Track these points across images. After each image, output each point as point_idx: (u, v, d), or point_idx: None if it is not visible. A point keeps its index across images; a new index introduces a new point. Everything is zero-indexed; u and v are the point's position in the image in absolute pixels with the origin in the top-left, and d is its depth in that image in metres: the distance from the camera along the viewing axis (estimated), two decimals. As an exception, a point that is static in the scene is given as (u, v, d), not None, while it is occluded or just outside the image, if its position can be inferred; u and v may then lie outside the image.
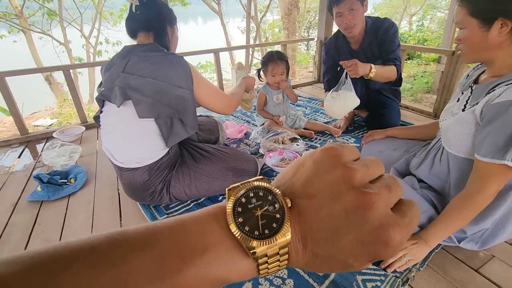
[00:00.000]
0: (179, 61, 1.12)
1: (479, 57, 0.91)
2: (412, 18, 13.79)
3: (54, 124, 4.23)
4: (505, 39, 0.82)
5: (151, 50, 1.12)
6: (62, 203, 1.42)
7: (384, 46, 1.74)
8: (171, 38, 1.24)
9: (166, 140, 1.14)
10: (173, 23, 1.24)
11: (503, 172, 0.81)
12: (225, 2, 10.15)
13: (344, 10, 1.63)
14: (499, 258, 1.02)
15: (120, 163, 1.18)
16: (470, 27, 0.86)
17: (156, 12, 1.15)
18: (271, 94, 2.05)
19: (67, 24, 7.77)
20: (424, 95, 5.21)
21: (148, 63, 1.08)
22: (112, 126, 1.17)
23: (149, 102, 1.07)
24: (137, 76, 1.07)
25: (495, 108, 0.79)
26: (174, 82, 1.10)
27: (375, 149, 1.39)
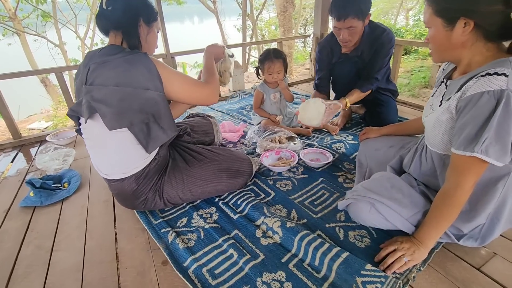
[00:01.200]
0: (139, 61, 1.00)
1: (445, 56, 0.92)
2: (409, 13, 13.74)
3: (49, 127, 4.19)
4: (468, 38, 0.83)
5: (109, 53, 1.01)
6: (55, 208, 1.40)
7: (373, 60, 1.69)
8: (146, 38, 1.12)
9: (146, 147, 1.06)
10: (150, 20, 1.12)
11: (476, 164, 0.80)
12: (220, 1, 10.08)
13: (342, 27, 1.56)
14: (501, 255, 1.00)
15: (105, 175, 1.15)
16: (435, 26, 0.87)
17: (126, 8, 1.04)
18: (268, 93, 2.02)
19: (62, 26, 7.70)
20: (422, 90, 5.18)
21: (106, 69, 0.98)
22: (91, 140, 1.13)
23: (115, 112, 0.98)
24: (99, 86, 0.98)
25: (466, 101, 0.79)
26: (140, 85, 0.99)
27: (372, 147, 1.37)
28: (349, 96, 1.70)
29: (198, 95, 1.14)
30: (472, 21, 0.80)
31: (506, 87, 0.73)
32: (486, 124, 0.76)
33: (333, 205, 1.28)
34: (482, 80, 0.76)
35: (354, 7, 1.48)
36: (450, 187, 0.87)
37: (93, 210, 1.38)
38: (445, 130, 0.90)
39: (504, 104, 0.73)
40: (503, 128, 0.75)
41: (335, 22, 1.56)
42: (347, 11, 1.48)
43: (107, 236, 1.21)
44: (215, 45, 1.40)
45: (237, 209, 1.28)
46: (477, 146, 0.77)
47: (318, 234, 1.13)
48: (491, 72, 0.75)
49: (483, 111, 0.76)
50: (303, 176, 1.50)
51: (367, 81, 1.71)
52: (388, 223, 1.01)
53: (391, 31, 1.66)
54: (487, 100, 0.75)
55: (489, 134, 0.76)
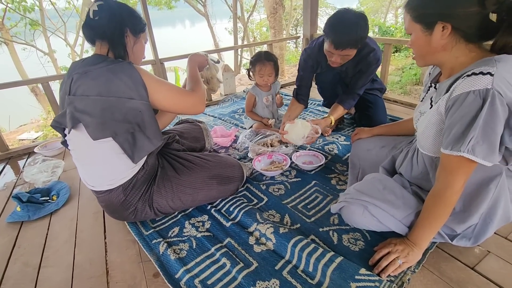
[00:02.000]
0: (122, 70, 0.98)
1: (428, 60, 0.92)
2: (398, 11, 13.89)
3: (39, 137, 4.12)
4: (448, 41, 0.83)
5: (91, 63, 0.99)
6: (44, 223, 1.36)
7: (357, 78, 1.67)
8: (133, 48, 1.11)
9: (132, 157, 1.04)
10: (137, 31, 1.11)
11: (464, 164, 0.80)
12: (211, 4, 10.09)
13: (337, 54, 1.46)
14: (495, 253, 1.00)
15: (91, 186, 1.13)
16: (415, 32, 0.88)
17: (113, 19, 1.03)
18: (260, 96, 2.01)
19: (51, 34, 7.62)
20: (413, 87, 5.23)
21: (88, 79, 0.96)
22: (76, 151, 1.10)
23: (98, 122, 0.96)
24: (81, 96, 0.96)
25: (453, 101, 0.79)
26: (123, 94, 0.97)
27: (364, 148, 1.36)
28: (333, 114, 1.70)
29: (184, 104, 1.12)
30: (449, 25, 0.80)
31: (491, 86, 0.72)
32: (472, 123, 0.75)
33: (326, 208, 1.26)
34: (468, 80, 0.76)
35: (353, 38, 1.38)
36: (440, 187, 0.87)
37: (82, 223, 1.35)
38: (436, 132, 0.89)
39: (490, 103, 0.73)
40: (489, 127, 0.75)
41: (330, 47, 1.44)
42: (346, 42, 1.39)
43: (97, 249, 1.18)
44: (197, 54, 1.40)
45: (230, 216, 1.26)
46: (464, 145, 0.77)
47: (312, 239, 1.11)
48: (476, 72, 0.75)
49: (470, 110, 0.76)
50: (296, 180, 1.49)
51: (350, 96, 1.70)
52: (381, 225, 1.00)
53: (379, 50, 1.61)
54: (473, 99, 0.75)
55: (475, 133, 0.75)
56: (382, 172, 1.19)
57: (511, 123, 0.75)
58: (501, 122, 0.74)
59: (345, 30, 1.37)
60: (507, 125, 0.76)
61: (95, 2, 1.03)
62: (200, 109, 1.16)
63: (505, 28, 0.77)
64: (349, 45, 1.42)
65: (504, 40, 0.77)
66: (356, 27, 1.37)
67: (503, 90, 0.72)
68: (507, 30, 0.76)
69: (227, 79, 3.05)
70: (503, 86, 0.72)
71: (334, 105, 1.74)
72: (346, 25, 1.37)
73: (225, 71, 3.05)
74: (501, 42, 0.78)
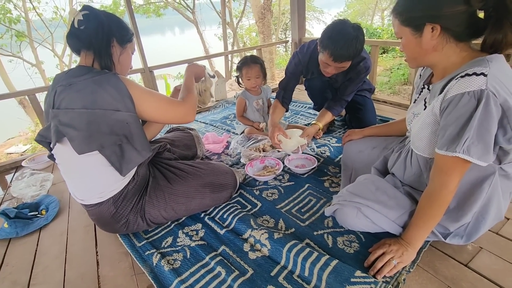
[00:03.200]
0: (108, 81, 0.95)
1: (420, 62, 0.93)
2: (384, 13, 14.17)
3: (27, 150, 4.04)
4: (438, 42, 0.84)
5: (75, 74, 0.97)
6: (33, 238, 1.32)
7: (347, 85, 1.69)
8: (119, 58, 1.09)
9: (120, 170, 1.01)
10: (124, 41, 1.09)
11: (459, 164, 0.81)
12: (199, 11, 10.12)
13: (333, 65, 1.47)
14: (487, 249, 1.01)
15: (81, 200, 1.10)
16: (405, 35, 0.89)
17: (99, 28, 1.00)
18: (251, 100, 2.02)
19: (38, 45, 7.53)
20: (402, 86, 5.32)
21: (72, 91, 0.94)
22: (63, 165, 1.08)
23: (83, 135, 0.94)
24: (65, 109, 0.94)
25: (448, 102, 0.80)
26: (109, 106, 0.95)
27: (355, 149, 1.37)
28: (321, 120, 1.73)
29: (172, 114, 1.10)
30: (438, 25, 0.81)
31: (485, 86, 0.73)
32: (467, 124, 0.76)
33: (320, 211, 1.26)
34: (462, 81, 0.76)
35: (352, 51, 1.39)
36: (435, 187, 0.87)
37: (73, 237, 1.31)
38: (430, 133, 0.90)
39: (484, 104, 0.73)
40: (484, 128, 0.75)
41: (328, 59, 1.43)
42: (346, 55, 1.40)
43: (88, 264, 1.15)
44: (195, 64, 1.39)
45: (224, 224, 1.25)
46: (459, 146, 0.77)
47: (307, 243, 1.11)
48: (470, 73, 0.76)
49: (465, 111, 0.76)
50: (289, 184, 1.49)
51: (338, 103, 1.73)
52: (375, 226, 1.01)
53: (369, 59, 1.64)
54: (467, 100, 0.75)
55: (470, 134, 0.76)
56: (374, 173, 1.19)
57: (504, 123, 0.76)
58: (495, 122, 0.75)
59: (345, 43, 1.37)
60: (500, 125, 0.77)
61: (80, 12, 1.01)
62: (189, 118, 1.15)
63: (493, 25, 0.77)
64: (347, 58, 1.43)
65: (493, 37, 0.78)
66: (355, 40, 1.38)
67: (496, 90, 0.73)
68: (495, 27, 0.77)
69: (218, 85, 3.04)
70: (496, 86, 0.73)
71: (322, 111, 1.76)
72: (347, 39, 1.37)
73: (217, 77, 3.04)
74: (490, 39, 0.79)
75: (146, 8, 9.68)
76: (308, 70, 1.75)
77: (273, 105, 1.84)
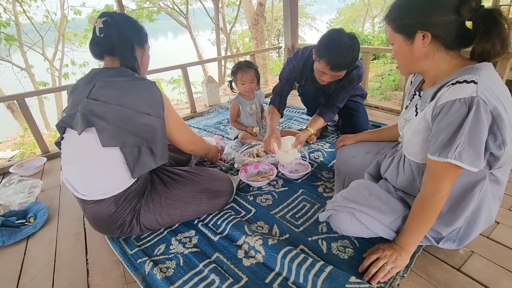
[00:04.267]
0: (146, 87, 1.05)
1: (411, 68, 0.95)
2: (374, 20, 14.46)
3: (15, 156, 3.94)
4: (429, 49, 0.86)
5: (118, 75, 1.05)
6: (20, 247, 1.28)
7: (339, 91, 1.71)
8: (142, 60, 1.17)
9: (132, 171, 1.05)
10: (143, 43, 1.17)
11: (451, 169, 0.82)
12: (193, 16, 10.15)
13: (330, 74, 1.49)
14: (479, 253, 1.02)
15: (82, 195, 1.08)
16: (397, 42, 0.91)
17: (119, 36, 1.06)
18: (244, 104, 2.02)
19: (28, 49, 7.41)
20: (393, 92, 5.40)
21: (112, 89, 1.02)
22: (73, 155, 1.08)
23: (113, 130, 1.00)
24: (102, 102, 1.00)
25: (439, 108, 0.81)
26: (141, 109, 1.03)
27: (348, 155, 1.38)
28: (313, 126, 1.74)
29: (183, 135, 1.25)
30: (429, 33, 0.83)
31: (476, 94, 0.75)
32: (459, 130, 0.77)
33: (315, 217, 1.26)
34: (453, 88, 0.78)
35: (349, 60, 1.42)
36: (428, 192, 0.88)
37: (62, 245, 1.28)
38: (423, 139, 0.91)
39: (475, 111, 0.75)
40: (474, 134, 0.77)
41: (325, 68, 1.45)
42: (344, 64, 1.43)
43: (78, 273, 1.12)
44: (217, 153, 1.69)
45: (218, 230, 1.23)
46: (451, 152, 0.79)
47: (301, 249, 1.10)
48: (460, 80, 0.77)
49: (456, 117, 0.78)
50: (283, 189, 1.49)
51: (330, 109, 1.74)
52: (369, 231, 1.01)
53: (361, 67, 1.66)
54: (459, 107, 0.77)
55: (461, 140, 0.77)
56: (368, 178, 1.20)
57: (494, 129, 0.78)
58: (486, 128, 0.77)
59: (342, 53, 1.39)
60: (490, 131, 0.78)
61: (100, 19, 1.05)
62: (192, 147, 1.33)
63: (481, 35, 0.80)
64: (344, 67, 1.45)
65: (482, 46, 0.80)
66: (352, 50, 1.40)
67: (486, 98, 0.75)
68: (483, 37, 0.80)
69: (211, 90, 3.05)
70: (486, 93, 0.75)
71: (314, 117, 1.77)
72: (344, 48, 1.39)
73: (209, 83, 3.05)
74: (479, 49, 0.81)
75: (139, 13, 9.65)
76: (302, 77, 1.77)
77: (269, 110, 1.84)
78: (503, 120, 0.77)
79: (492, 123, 0.77)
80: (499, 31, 0.78)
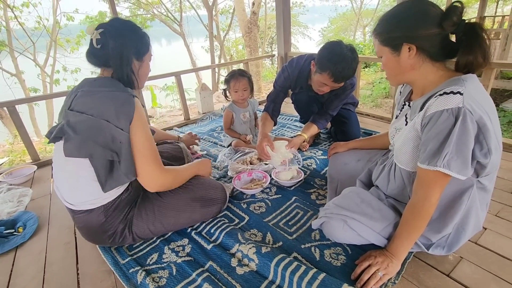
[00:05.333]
0: (123, 99, 0.99)
1: (400, 79, 0.98)
2: (366, 29, 14.78)
3: (4, 164, 3.86)
4: (415, 61, 0.89)
5: (103, 85, 1.02)
6: (8, 258, 1.25)
7: (332, 99, 1.76)
8: (140, 71, 1.13)
9: (103, 185, 1.00)
10: (142, 54, 1.12)
11: (440, 177, 0.85)
12: (186, 23, 10.22)
13: (331, 85, 1.55)
14: (467, 259, 1.05)
15: (71, 205, 1.07)
16: (384, 54, 0.94)
17: (115, 49, 1.02)
18: (238, 112, 2.04)
19: (18, 54, 7.32)
20: (384, 100, 5.51)
21: (90, 98, 1.00)
22: (60, 165, 1.07)
23: (79, 140, 0.96)
24: (76, 112, 0.98)
25: (428, 118, 0.84)
26: (115, 122, 0.97)
27: (340, 162, 1.40)
28: (307, 132, 1.77)
29: (145, 169, 1.04)
30: (414, 45, 0.86)
31: (462, 104, 0.78)
32: (447, 139, 0.80)
33: (308, 224, 1.27)
34: (441, 99, 0.81)
35: (351, 73, 1.49)
36: (418, 200, 0.90)
37: (52, 256, 1.26)
38: (413, 147, 0.94)
39: (462, 121, 0.78)
40: (462, 143, 0.79)
41: (328, 80, 1.50)
42: (347, 76, 1.49)
43: (68, 283, 1.10)
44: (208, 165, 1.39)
45: (211, 238, 1.23)
46: (439, 160, 0.81)
47: (294, 256, 1.11)
48: (447, 91, 0.80)
49: (444, 127, 0.80)
50: (277, 196, 1.49)
51: (323, 116, 1.79)
52: (361, 239, 1.02)
53: (355, 76, 1.67)
54: (446, 117, 0.80)
55: (449, 149, 0.80)
56: (359, 185, 1.22)
57: (480, 138, 0.81)
58: (472, 138, 0.79)
59: (346, 66, 1.44)
60: (477, 140, 0.81)
61: (97, 30, 1.03)
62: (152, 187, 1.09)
63: (464, 48, 0.84)
64: (347, 79, 1.53)
65: (465, 59, 0.84)
66: (353, 62, 1.47)
67: (472, 108, 0.78)
68: (466, 49, 0.84)
69: (205, 97, 3.06)
70: (472, 104, 0.78)
71: (308, 124, 1.80)
72: (347, 62, 1.44)
73: (203, 90, 3.06)
74: (463, 61, 0.85)
75: (132, 20, 9.67)
76: (296, 85, 1.80)
77: (262, 117, 1.85)
78: (488, 129, 0.80)
79: (478, 132, 0.80)
80: (481, 43, 0.82)
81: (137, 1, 9.51)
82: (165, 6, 9.72)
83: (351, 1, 15.14)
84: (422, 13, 0.85)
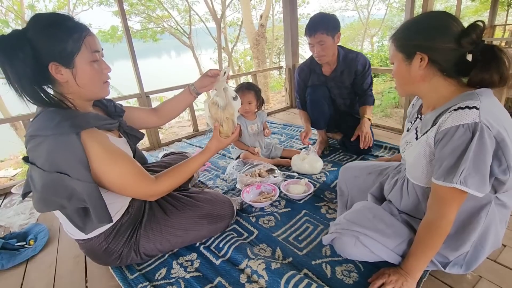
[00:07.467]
0: (65, 143, 0.80)
1: (408, 90, 0.97)
2: (373, 39, 14.81)
3: (18, 175, 3.94)
4: (426, 72, 0.88)
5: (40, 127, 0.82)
6: (19, 271, 1.26)
7: (361, 81, 1.94)
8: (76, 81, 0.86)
9: (83, 229, 0.92)
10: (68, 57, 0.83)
11: (457, 194, 0.82)
12: (195, 36, 10.45)
13: (314, 42, 1.77)
14: (487, 278, 1.00)
15: (71, 234, 1.06)
16: (397, 61, 0.93)
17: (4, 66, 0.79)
18: (246, 124, 2.04)
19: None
20: (394, 110, 5.45)
21: (35, 146, 0.83)
22: None
23: (42, 197, 0.87)
24: (31, 164, 0.86)
25: (443, 134, 0.82)
26: (69, 172, 0.82)
27: (351, 175, 1.38)
28: (366, 113, 1.93)
29: (134, 191, 0.96)
30: (427, 56, 0.85)
31: (479, 119, 0.76)
32: (463, 155, 0.78)
33: (318, 239, 1.25)
34: (456, 114, 0.79)
35: (322, 25, 1.72)
36: (434, 217, 0.87)
37: (62, 269, 1.26)
38: (426, 163, 0.91)
39: (479, 136, 0.76)
40: (479, 159, 0.77)
41: (308, 39, 1.78)
42: (316, 28, 1.72)
43: (77, 298, 1.10)
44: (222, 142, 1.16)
45: (220, 253, 1.21)
46: (455, 177, 0.79)
47: (305, 273, 1.08)
48: (462, 106, 0.78)
49: (460, 143, 0.78)
50: (286, 210, 1.47)
51: (365, 97, 1.97)
52: (374, 256, 0.99)
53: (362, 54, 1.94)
54: (463, 133, 0.77)
55: (466, 165, 0.77)
56: (371, 199, 1.19)
57: (499, 154, 0.78)
58: (490, 154, 0.77)
59: (316, 17, 1.75)
60: (495, 156, 0.78)
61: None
62: (152, 199, 1.04)
63: (480, 67, 0.82)
64: (319, 30, 1.71)
65: (480, 76, 0.82)
66: (327, 15, 1.74)
67: (490, 123, 0.75)
68: (482, 68, 0.82)
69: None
70: (489, 119, 0.76)
71: (362, 108, 1.98)
72: (320, 15, 1.76)
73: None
74: (477, 78, 0.83)
75: (143, 33, 9.95)
76: (311, 73, 2.03)
77: (299, 115, 2.15)
78: (507, 145, 0.77)
79: (496, 148, 0.78)
80: (499, 65, 0.80)
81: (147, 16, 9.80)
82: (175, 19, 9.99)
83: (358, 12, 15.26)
84: (443, 26, 0.84)
